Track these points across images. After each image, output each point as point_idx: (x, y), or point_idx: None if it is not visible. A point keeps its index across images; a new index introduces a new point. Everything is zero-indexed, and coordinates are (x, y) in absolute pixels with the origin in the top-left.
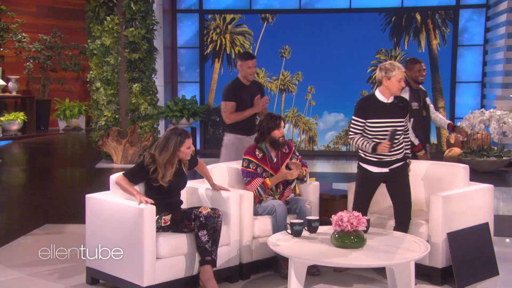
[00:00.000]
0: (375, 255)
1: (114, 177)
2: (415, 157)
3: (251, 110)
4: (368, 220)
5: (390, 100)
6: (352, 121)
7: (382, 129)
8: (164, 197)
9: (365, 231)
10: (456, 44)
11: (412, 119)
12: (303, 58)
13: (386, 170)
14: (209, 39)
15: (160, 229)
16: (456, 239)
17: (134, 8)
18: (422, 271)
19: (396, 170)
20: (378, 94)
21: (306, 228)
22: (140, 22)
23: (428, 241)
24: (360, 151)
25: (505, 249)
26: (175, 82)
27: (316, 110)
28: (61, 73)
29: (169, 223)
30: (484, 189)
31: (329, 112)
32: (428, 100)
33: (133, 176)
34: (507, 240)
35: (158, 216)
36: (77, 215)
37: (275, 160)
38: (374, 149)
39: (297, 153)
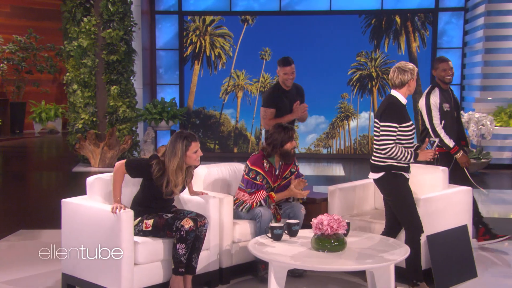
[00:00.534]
0: (355, 259)
1: (90, 180)
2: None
3: (290, 116)
4: (348, 224)
5: (405, 101)
6: (387, 129)
7: (412, 132)
8: (159, 200)
9: (345, 235)
10: (436, 46)
11: (443, 121)
12: None
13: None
14: (188, 41)
15: (141, 232)
16: (435, 241)
17: (111, 9)
18: (402, 274)
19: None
20: (399, 96)
21: (286, 231)
22: (118, 24)
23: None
24: (388, 160)
25: (483, 251)
26: (154, 84)
27: None
28: (37, 75)
29: (150, 228)
30: (463, 191)
31: (310, 114)
32: (457, 100)
33: (133, 170)
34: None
35: (140, 218)
36: (53, 220)
37: (277, 171)
38: (416, 157)
39: (297, 163)
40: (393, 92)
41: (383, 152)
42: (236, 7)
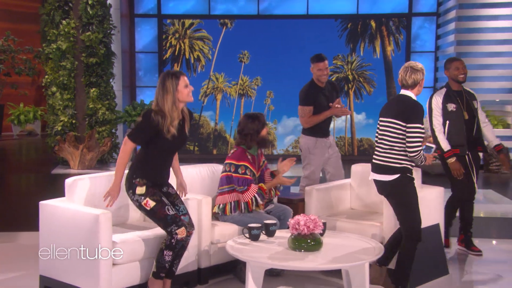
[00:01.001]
0: (330, 258)
1: (69, 182)
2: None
3: (327, 113)
4: (324, 223)
5: None
6: (416, 130)
7: (424, 133)
8: (161, 157)
9: (322, 234)
10: (409, 50)
11: (448, 122)
12: (262, 64)
13: None
14: (168, 44)
15: (137, 203)
16: None
17: (91, 12)
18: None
19: None
20: (412, 95)
21: (264, 232)
22: (97, 26)
23: (382, 243)
24: (404, 161)
25: (454, 248)
26: (133, 86)
27: (275, 115)
28: (15, 77)
29: (148, 209)
30: (435, 191)
31: (288, 116)
32: (476, 103)
33: (140, 136)
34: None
35: (145, 188)
36: (30, 222)
37: (257, 161)
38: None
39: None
40: (406, 92)
41: (412, 154)
42: (215, 11)
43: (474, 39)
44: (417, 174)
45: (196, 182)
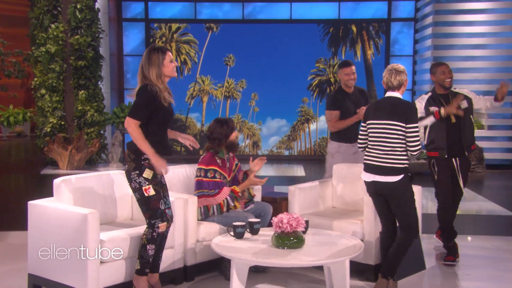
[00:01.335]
0: (312, 255)
1: (57, 182)
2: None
3: (354, 118)
4: (306, 222)
5: None
6: (416, 129)
7: None
8: (161, 130)
9: (304, 232)
10: (389, 54)
11: (428, 125)
12: (246, 66)
13: None
14: (151, 45)
15: (137, 185)
16: None
17: (79, 16)
18: (357, 268)
19: None
20: (400, 96)
21: (248, 230)
22: (86, 30)
23: (362, 240)
24: (405, 161)
25: (431, 245)
26: (121, 89)
27: (260, 116)
28: (5, 79)
29: (145, 195)
30: (414, 190)
31: (272, 118)
32: (464, 103)
33: (142, 113)
34: (434, 236)
35: (153, 173)
36: (19, 222)
37: (228, 164)
38: None
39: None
40: (393, 94)
41: (415, 152)
42: (201, 15)
43: (450, 44)
44: None
45: (182, 181)
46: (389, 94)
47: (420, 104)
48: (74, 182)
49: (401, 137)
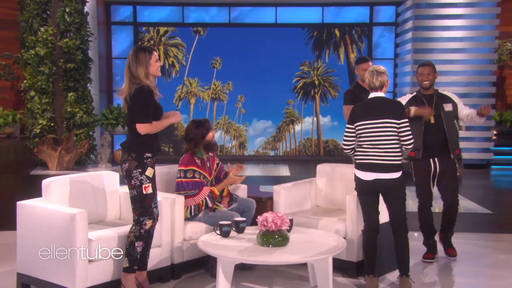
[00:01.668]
0: (296, 252)
1: (46, 182)
2: None
3: None
4: (291, 220)
5: None
6: (408, 123)
7: None
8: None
9: (289, 230)
10: (371, 57)
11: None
12: (233, 69)
13: None
14: (136, 46)
15: (137, 182)
16: None
17: (68, 19)
18: (340, 265)
19: None
20: (384, 95)
21: (234, 228)
22: (75, 33)
23: (345, 238)
24: (400, 158)
25: (412, 242)
26: (110, 91)
27: (246, 118)
28: None
29: (144, 193)
30: None
31: (258, 119)
32: (448, 106)
33: (149, 115)
34: (416, 234)
35: (153, 171)
36: (8, 222)
37: (208, 164)
38: None
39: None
40: (377, 94)
41: (409, 146)
42: (188, 19)
43: (429, 48)
44: None
45: (169, 181)
46: (373, 94)
47: (402, 101)
48: (62, 183)
49: (395, 134)
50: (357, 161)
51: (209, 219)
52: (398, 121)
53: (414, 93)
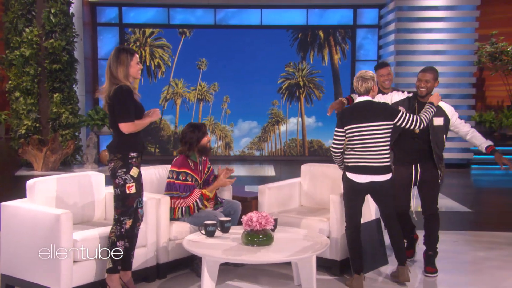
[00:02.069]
0: (281, 251)
1: (30, 183)
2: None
3: None
4: (275, 220)
5: None
6: (403, 115)
7: None
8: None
9: (273, 230)
10: (354, 59)
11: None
12: (218, 70)
13: None
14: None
15: (121, 181)
16: None
17: (53, 20)
18: (324, 264)
19: None
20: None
21: (219, 228)
22: (60, 34)
23: (329, 237)
24: (389, 161)
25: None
26: (96, 92)
27: (232, 118)
28: None
29: (127, 192)
30: None
31: (243, 120)
32: (438, 120)
33: (131, 114)
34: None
35: (138, 172)
36: None
37: (200, 167)
38: None
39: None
40: (365, 98)
41: (422, 126)
42: (174, 21)
43: (411, 50)
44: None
45: (154, 182)
46: (361, 98)
47: (397, 96)
48: (47, 183)
49: (388, 135)
50: (349, 164)
51: (193, 220)
52: (392, 122)
53: (411, 94)
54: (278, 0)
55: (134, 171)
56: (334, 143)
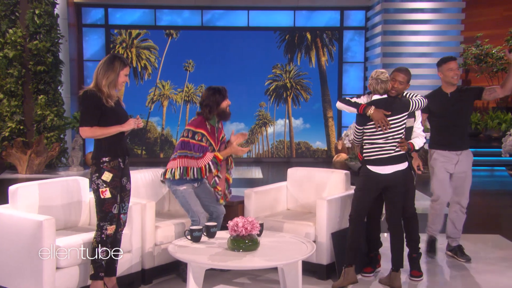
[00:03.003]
0: (266, 257)
1: (12, 189)
2: None
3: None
4: (261, 225)
5: None
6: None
7: None
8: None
9: (259, 235)
10: (342, 61)
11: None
12: (206, 72)
13: None
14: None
15: (96, 186)
16: (338, 238)
17: (38, 21)
18: (310, 268)
19: None
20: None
21: (205, 233)
22: (45, 36)
23: (315, 241)
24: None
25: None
26: None
27: None
28: None
29: (101, 197)
30: None
31: (230, 121)
32: (410, 121)
33: (91, 119)
34: (386, 235)
35: (112, 176)
36: None
37: (216, 134)
38: None
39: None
40: (383, 96)
41: (423, 102)
42: (160, 22)
43: (398, 52)
44: (346, 177)
45: (140, 186)
46: (378, 96)
47: (360, 99)
48: (30, 189)
49: (404, 125)
50: (371, 158)
51: (183, 199)
52: (408, 111)
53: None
54: (265, 2)
55: (106, 176)
56: (355, 139)
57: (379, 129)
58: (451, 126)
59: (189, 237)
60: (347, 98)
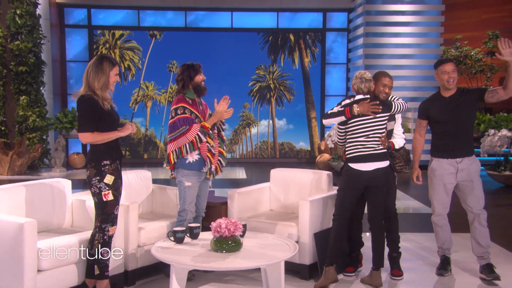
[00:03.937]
0: (249, 258)
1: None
2: None
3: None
4: (244, 225)
5: None
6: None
7: None
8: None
9: (242, 236)
10: (324, 62)
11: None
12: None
13: None
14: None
15: (96, 190)
16: (320, 238)
17: (19, 22)
18: (293, 268)
19: None
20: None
21: (188, 235)
22: (27, 36)
23: (297, 242)
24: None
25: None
26: (64, 94)
27: None
28: None
29: (104, 200)
30: None
31: None
32: (391, 124)
33: (90, 124)
34: (368, 234)
35: (114, 178)
36: None
37: (201, 107)
38: None
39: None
40: (365, 96)
41: (405, 105)
42: (144, 23)
43: (379, 53)
44: (328, 178)
45: (124, 188)
46: (361, 96)
47: (344, 101)
48: (11, 192)
49: (384, 125)
50: (353, 155)
51: (186, 191)
52: (389, 112)
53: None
54: (249, 3)
55: (108, 179)
56: (338, 140)
57: (371, 118)
58: (451, 132)
59: (172, 238)
60: (329, 112)
